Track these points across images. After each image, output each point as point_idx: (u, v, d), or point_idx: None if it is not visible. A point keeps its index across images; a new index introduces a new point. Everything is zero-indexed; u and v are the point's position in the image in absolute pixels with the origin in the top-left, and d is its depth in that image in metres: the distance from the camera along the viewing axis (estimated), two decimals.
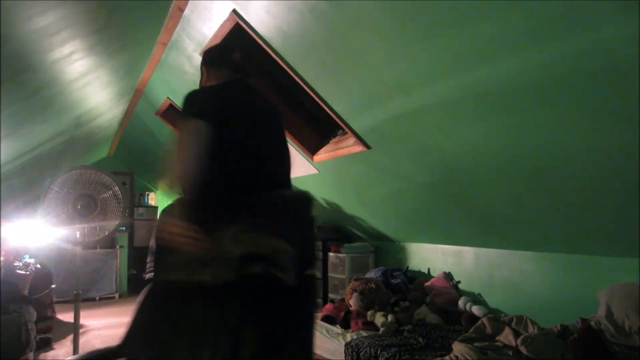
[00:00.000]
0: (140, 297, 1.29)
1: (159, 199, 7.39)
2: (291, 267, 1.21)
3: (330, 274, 4.18)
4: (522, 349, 2.04)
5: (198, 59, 2.99)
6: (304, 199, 1.36)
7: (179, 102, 4.11)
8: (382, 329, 2.74)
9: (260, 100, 1.59)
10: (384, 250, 4.14)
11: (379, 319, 2.83)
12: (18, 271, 3.60)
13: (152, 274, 1.33)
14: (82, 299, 2.89)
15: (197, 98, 1.46)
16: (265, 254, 1.21)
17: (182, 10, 2.53)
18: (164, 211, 1.37)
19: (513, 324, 2.30)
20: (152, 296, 1.29)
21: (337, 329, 2.98)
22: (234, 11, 2.26)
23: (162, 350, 1.19)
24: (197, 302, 1.21)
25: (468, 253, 3.24)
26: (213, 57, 1.70)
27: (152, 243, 1.35)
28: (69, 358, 1.30)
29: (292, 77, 2.54)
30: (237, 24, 2.36)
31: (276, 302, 1.23)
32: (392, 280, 3.55)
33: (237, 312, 1.20)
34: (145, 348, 1.22)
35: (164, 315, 1.24)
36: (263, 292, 1.22)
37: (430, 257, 3.63)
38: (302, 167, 3.66)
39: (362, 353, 2.42)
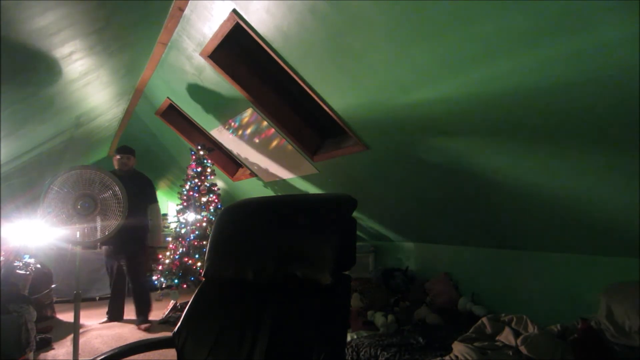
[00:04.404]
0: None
1: (159, 199, 7.38)
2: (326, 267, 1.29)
3: None
4: (522, 349, 2.03)
5: (198, 59, 3.00)
6: (345, 201, 1.39)
7: (179, 102, 4.12)
8: (382, 329, 2.74)
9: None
10: (384, 250, 4.14)
11: (379, 319, 2.83)
12: (18, 271, 3.59)
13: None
14: (82, 299, 2.88)
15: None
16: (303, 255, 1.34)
17: (182, 10, 2.54)
18: None
19: (513, 324, 2.30)
20: (202, 292, 1.48)
21: None
22: (234, 11, 2.26)
23: (208, 342, 1.35)
24: (241, 299, 1.40)
25: (468, 253, 3.24)
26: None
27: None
28: (121, 345, 1.38)
29: (292, 77, 2.54)
30: (237, 24, 2.36)
31: (312, 301, 1.29)
32: (392, 280, 3.55)
33: (276, 309, 1.32)
34: (193, 339, 1.39)
35: (211, 310, 1.43)
36: (300, 290, 1.32)
37: (430, 257, 3.63)
38: (302, 167, 3.66)
39: (362, 353, 2.42)
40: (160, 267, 4.44)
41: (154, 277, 4.42)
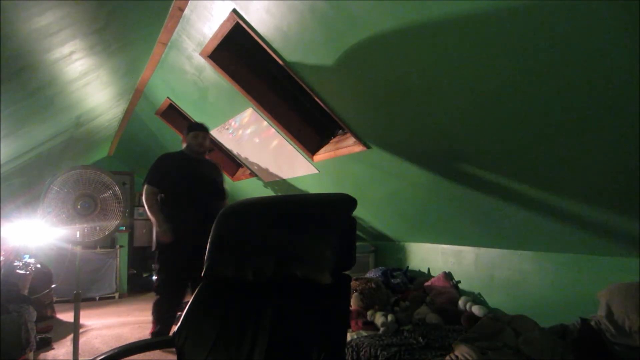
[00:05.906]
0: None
1: None
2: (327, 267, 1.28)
3: None
4: (522, 349, 2.03)
5: (198, 58, 3.00)
6: (345, 201, 1.39)
7: (179, 102, 4.11)
8: (382, 329, 2.74)
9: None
10: (384, 250, 4.14)
11: (379, 319, 2.83)
12: (18, 271, 3.60)
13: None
14: (82, 299, 2.88)
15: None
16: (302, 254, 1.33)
17: (182, 10, 2.54)
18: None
19: (513, 324, 2.30)
20: (202, 292, 1.48)
21: None
22: (234, 11, 2.26)
23: (207, 342, 1.35)
24: (241, 299, 1.40)
25: (468, 253, 3.24)
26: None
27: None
28: (121, 345, 1.38)
29: (292, 77, 2.54)
30: (237, 24, 2.36)
31: (312, 301, 1.29)
32: (392, 280, 3.55)
33: (276, 309, 1.32)
34: (193, 339, 1.38)
35: (211, 310, 1.42)
36: (300, 290, 1.32)
37: (430, 257, 3.63)
38: (302, 167, 3.66)
39: (362, 353, 2.42)
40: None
41: (154, 277, 4.43)
